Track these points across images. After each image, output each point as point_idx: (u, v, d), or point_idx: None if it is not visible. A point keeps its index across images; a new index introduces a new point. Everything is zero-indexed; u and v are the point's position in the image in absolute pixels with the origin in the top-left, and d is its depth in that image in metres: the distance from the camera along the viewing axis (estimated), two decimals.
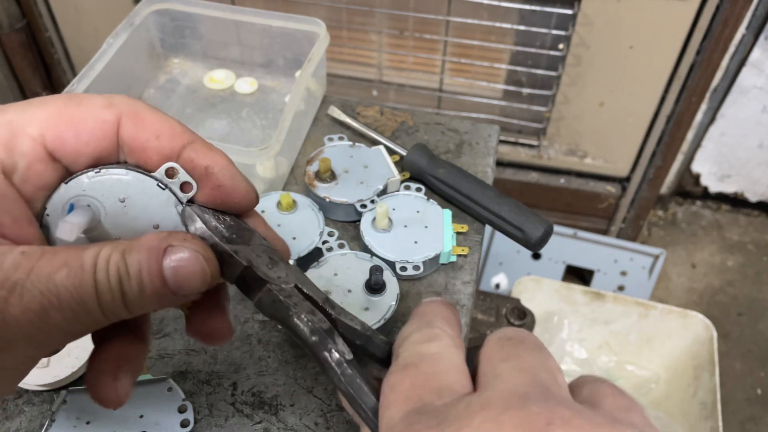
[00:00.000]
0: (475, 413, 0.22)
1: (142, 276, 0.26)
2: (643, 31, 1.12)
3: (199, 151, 0.29)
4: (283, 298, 0.29)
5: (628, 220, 1.42)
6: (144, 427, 0.41)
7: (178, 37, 0.66)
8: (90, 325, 0.26)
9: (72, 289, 0.25)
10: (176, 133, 0.29)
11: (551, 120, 1.30)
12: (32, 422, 0.42)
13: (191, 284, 0.27)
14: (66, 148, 0.28)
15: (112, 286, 0.26)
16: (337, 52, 1.30)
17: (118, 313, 0.27)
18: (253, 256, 0.29)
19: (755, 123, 1.40)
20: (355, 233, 0.53)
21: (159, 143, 0.29)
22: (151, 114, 0.29)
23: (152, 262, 0.26)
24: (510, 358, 0.25)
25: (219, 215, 0.29)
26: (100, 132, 0.28)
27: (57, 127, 0.28)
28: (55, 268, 0.25)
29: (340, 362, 0.27)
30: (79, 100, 0.28)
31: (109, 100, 0.29)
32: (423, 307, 0.30)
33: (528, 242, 0.52)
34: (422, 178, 0.56)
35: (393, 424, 0.24)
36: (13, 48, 1.37)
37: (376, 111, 0.64)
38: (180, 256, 0.27)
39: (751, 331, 1.41)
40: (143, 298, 0.27)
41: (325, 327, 0.28)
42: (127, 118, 0.29)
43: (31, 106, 0.28)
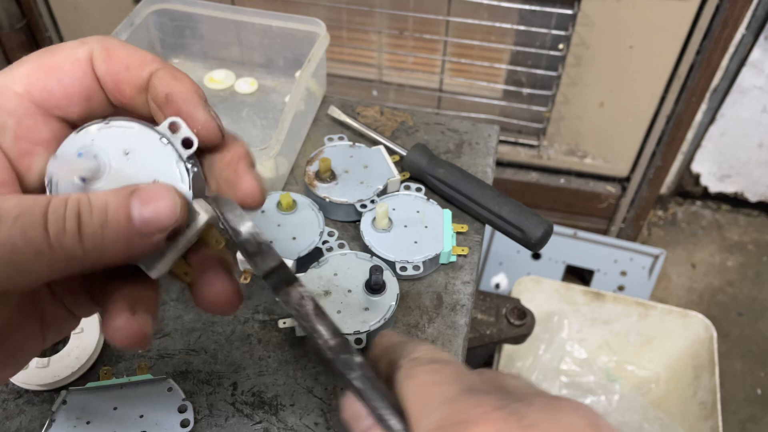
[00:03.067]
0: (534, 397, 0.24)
1: (108, 210, 0.25)
2: (643, 31, 1.12)
3: (162, 79, 0.29)
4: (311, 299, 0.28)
5: (628, 220, 1.42)
6: (144, 427, 0.41)
7: (178, 37, 0.66)
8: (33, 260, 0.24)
9: (16, 212, 0.23)
10: (145, 62, 0.29)
11: (551, 120, 1.30)
12: (32, 422, 0.42)
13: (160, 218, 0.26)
14: (53, 96, 0.28)
15: (67, 217, 0.24)
16: (337, 52, 1.30)
17: (71, 249, 0.24)
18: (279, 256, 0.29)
19: (755, 123, 1.40)
20: (355, 233, 0.53)
21: (128, 74, 0.29)
22: (121, 47, 0.29)
23: (120, 198, 0.25)
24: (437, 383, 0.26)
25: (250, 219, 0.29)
26: (80, 72, 0.29)
27: (39, 78, 0.28)
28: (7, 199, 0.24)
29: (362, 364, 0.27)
30: (54, 49, 0.29)
31: (81, 41, 0.29)
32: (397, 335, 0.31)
33: (528, 242, 0.52)
34: (422, 178, 0.56)
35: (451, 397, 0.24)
36: (13, 48, 1.36)
37: (376, 111, 0.64)
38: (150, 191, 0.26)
39: (751, 331, 1.41)
40: (104, 235, 0.25)
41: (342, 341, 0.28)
42: (98, 53, 0.29)
43: (10, 68, 0.28)
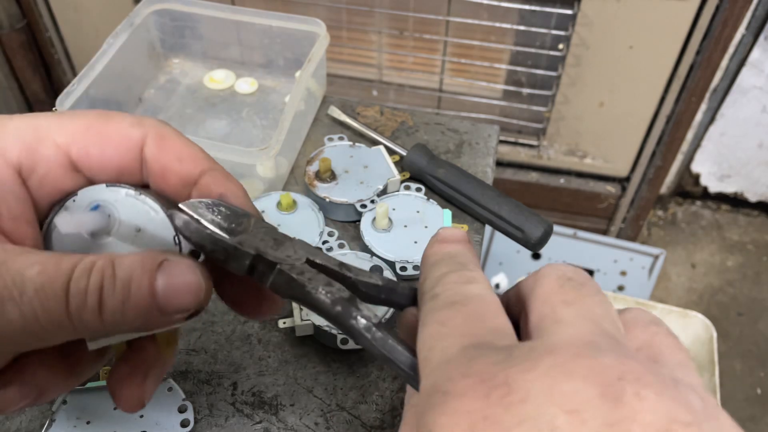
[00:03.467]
0: (542, 357, 0.20)
1: (131, 284, 0.25)
2: (643, 31, 1.12)
3: (216, 179, 0.30)
4: (296, 276, 0.28)
5: (627, 220, 1.42)
6: (144, 427, 0.41)
7: (178, 37, 0.66)
8: (51, 332, 0.24)
9: (38, 285, 0.23)
10: (198, 158, 0.30)
11: (551, 120, 1.30)
12: (32, 422, 0.42)
13: (182, 301, 0.26)
14: (90, 160, 0.28)
15: (89, 291, 0.24)
16: (337, 52, 1.30)
17: (90, 323, 0.24)
18: (256, 241, 0.29)
19: (755, 123, 1.40)
20: (355, 233, 0.53)
21: (180, 166, 0.29)
22: (176, 137, 0.30)
23: (145, 272, 0.25)
24: (573, 302, 0.23)
25: (213, 207, 0.29)
26: (125, 149, 0.29)
27: (84, 139, 0.28)
28: (29, 264, 0.24)
29: (368, 327, 0.26)
30: (109, 117, 0.29)
31: (138, 120, 0.29)
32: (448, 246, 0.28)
33: (528, 242, 0.52)
34: (422, 178, 0.56)
35: (449, 356, 0.22)
36: (13, 48, 1.37)
37: (376, 111, 0.64)
38: (176, 269, 0.26)
39: (751, 331, 1.41)
40: (124, 310, 0.25)
41: (346, 296, 0.28)
42: (153, 138, 0.29)
43: (61, 116, 0.28)
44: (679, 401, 0.19)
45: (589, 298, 0.23)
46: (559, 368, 0.20)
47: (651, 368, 0.20)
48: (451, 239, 0.29)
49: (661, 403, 0.19)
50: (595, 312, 0.23)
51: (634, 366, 0.20)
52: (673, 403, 0.19)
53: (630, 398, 0.19)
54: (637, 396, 0.19)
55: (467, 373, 0.20)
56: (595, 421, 0.18)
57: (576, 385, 0.19)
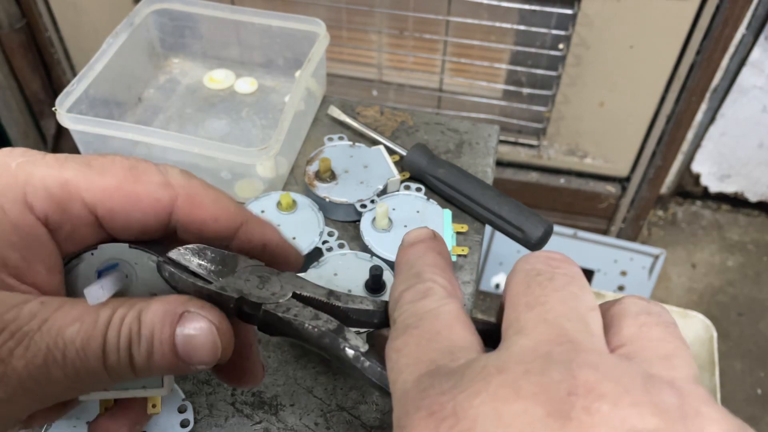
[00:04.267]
0: (492, 377, 0.20)
1: (153, 341, 0.26)
2: (643, 31, 1.12)
3: (255, 231, 0.31)
4: (281, 315, 0.29)
5: (628, 220, 1.42)
6: (144, 427, 0.41)
7: (178, 37, 0.66)
8: (92, 384, 0.26)
9: (79, 346, 0.25)
10: (231, 215, 0.30)
11: (551, 120, 1.30)
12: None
13: (201, 357, 0.27)
14: (115, 221, 0.29)
15: (120, 348, 0.25)
16: (337, 52, 1.30)
17: (124, 375, 0.26)
18: (241, 283, 0.29)
19: (755, 123, 1.40)
20: (355, 233, 0.53)
21: (217, 226, 0.30)
22: (206, 195, 0.30)
23: (165, 328, 0.26)
24: (535, 304, 0.22)
25: (199, 252, 0.30)
26: (153, 212, 0.29)
27: (112, 200, 0.28)
28: (69, 322, 0.25)
29: (357, 357, 0.27)
30: (138, 175, 0.28)
31: (167, 179, 0.29)
32: (407, 253, 0.28)
33: (528, 242, 0.52)
34: (422, 178, 0.56)
35: (407, 389, 0.22)
36: (12, 48, 1.37)
37: (376, 111, 0.64)
38: (194, 325, 0.26)
39: (751, 331, 1.41)
40: (151, 364, 0.26)
41: (333, 327, 0.28)
42: (184, 199, 0.29)
43: (90, 170, 0.28)
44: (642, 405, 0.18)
45: (554, 294, 0.22)
46: (507, 388, 0.19)
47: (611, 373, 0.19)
48: (411, 242, 0.28)
49: (616, 414, 0.18)
50: (558, 312, 0.22)
51: (587, 377, 0.19)
52: (631, 411, 0.18)
53: (579, 414, 0.18)
54: (587, 411, 0.18)
55: (419, 406, 0.20)
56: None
57: (523, 405, 0.18)
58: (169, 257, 0.29)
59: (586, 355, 0.20)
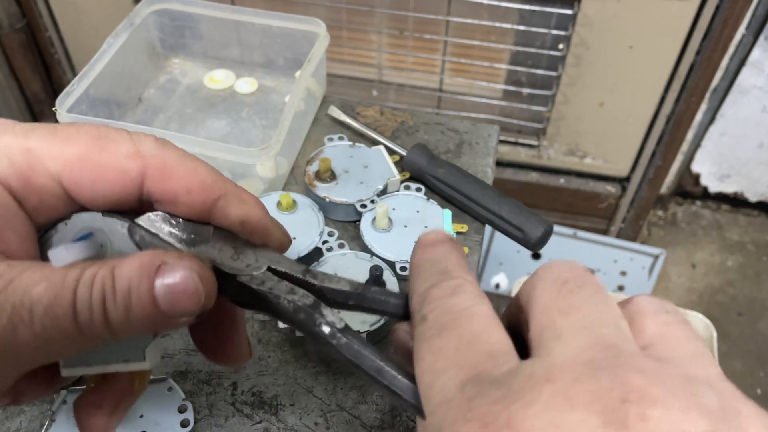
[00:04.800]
0: (542, 385, 0.19)
1: (131, 294, 0.24)
2: (643, 31, 1.12)
3: (232, 205, 0.29)
4: (256, 287, 0.27)
5: (627, 220, 1.42)
6: (144, 427, 0.41)
7: (178, 37, 0.66)
8: (65, 345, 0.24)
9: (47, 304, 0.23)
10: (207, 186, 0.28)
11: (551, 120, 1.30)
12: (32, 422, 0.42)
13: (184, 306, 0.25)
14: (82, 191, 0.27)
15: (93, 304, 0.24)
16: (337, 52, 1.30)
17: (99, 334, 0.24)
18: (214, 252, 0.28)
19: (755, 123, 1.40)
20: (355, 233, 0.53)
21: (190, 198, 0.28)
22: (180, 165, 0.28)
23: (143, 280, 0.24)
24: (570, 310, 0.22)
25: (171, 219, 0.28)
26: (120, 184, 0.27)
27: (76, 170, 0.27)
28: (35, 281, 0.24)
29: (333, 334, 0.26)
30: (105, 143, 0.27)
31: (137, 147, 0.27)
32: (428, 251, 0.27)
33: (528, 242, 0.52)
34: (422, 178, 0.56)
35: (449, 396, 0.21)
36: (13, 48, 1.37)
37: (376, 111, 0.64)
38: (174, 274, 0.25)
39: (751, 331, 1.41)
40: (129, 320, 0.25)
41: (309, 302, 0.27)
42: (155, 170, 0.27)
43: (55, 137, 0.27)
44: (690, 408, 0.18)
45: (587, 301, 0.23)
46: (560, 397, 0.19)
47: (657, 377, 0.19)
48: (433, 242, 0.28)
49: (669, 419, 0.18)
50: (594, 318, 0.22)
51: (637, 382, 0.19)
52: (682, 415, 0.18)
53: (635, 421, 0.18)
54: (642, 417, 0.18)
55: (468, 417, 0.20)
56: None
57: (579, 415, 0.18)
58: (137, 223, 0.28)
59: (629, 360, 0.20)
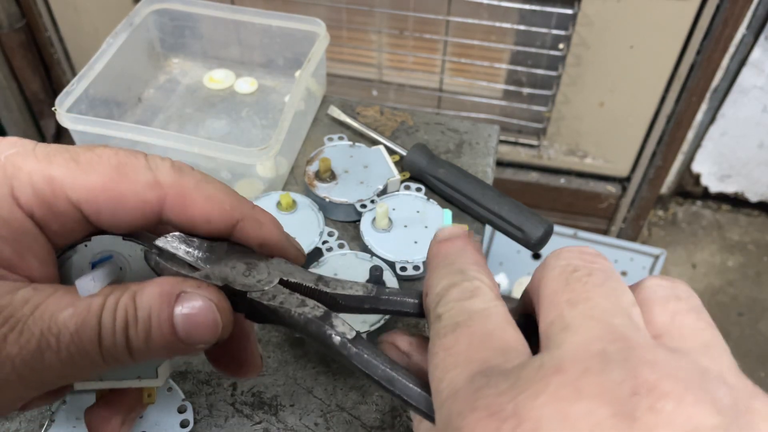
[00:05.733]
0: (550, 377, 0.19)
1: (151, 322, 0.25)
2: (643, 31, 1.12)
3: (250, 228, 0.30)
4: (267, 303, 0.28)
5: (628, 220, 1.42)
6: (144, 427, 0.41)
7: (178, 37, 0.66)
8: (88, 369, 0.25)
9: (73, 331, 0.24)
10: (226, 213, 0.29)
11: (551, 120, 1.30)
12: (32, 422, 0.42)
13: (202, 335, 0.26)
14: (102, 219, 0.28)
15: (116, 331, 0.25)
16: (337, 52, 1.30)
17: (121, 359, 0.26)
18: (227, 270, 0.29)
19: (755, 123, 1.40)
20: (355, 233, 0.53)
21: (210, 226, 0.29)
22: (199, 193, 0.28)
23: (163, 308, 0.26)
24: (578, 301, 0.22)
25: (188, 238, 0.29)
26: (140, 213, 0.28)
27: (97, 200, 0.27)
28: (62, 307, 0.25)
29: (343, 344, 0.27)
30: (125, 173, 0.28)
31: (156, 177, 0.28)
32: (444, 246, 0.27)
33: (528, 242, 0.52)
34: (422, 178, 0.56)
35: (457, 388, 0.21)
36: (12, 48, 1.36)
37: (376, 111, 0.64)
38: (192, 304, 0.26)
39: (751, 331, 1.41)
40: (149, 346, 0.26)
41: (320, 314, 0.28)
42: (173, 198, 0.28)
43: (78, 167, 0.27)
44: (703, 403, 0.18)
45: (597, 289, 0.22)
46: (568, 388, 0.19)
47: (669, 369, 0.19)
48: (450, 237, 0.28)
49: (681, 413, 0.18)
50: (604, 308, 0.21)
51: (648, 374, 0.19)
52: (694, 409, 0.18)
53: (644, 414, 0.18)
54: (652, 410, 0.18)
55: (475, 407, 0.20)
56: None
57: (587, 406, 0.18)
58: (156, 245, 0.29)
59: (641, 352, 0.20)
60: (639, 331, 0.21)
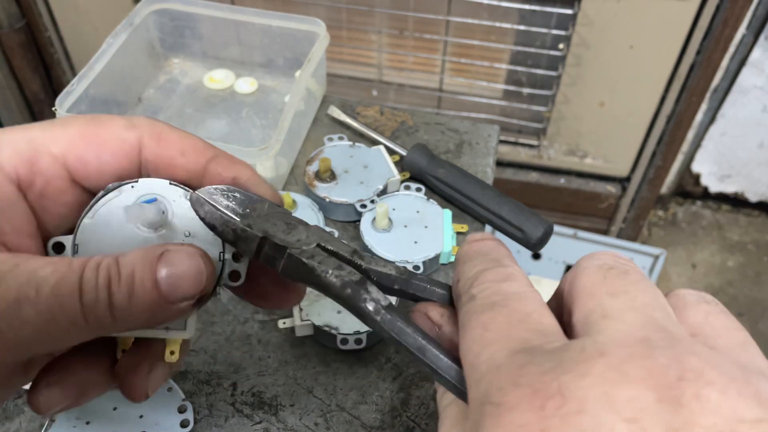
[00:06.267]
0: (595, 360, 0.19)
1: (134, 278, 0.25)
2: (643, 31, 1.12)
3: (224, 165, 0.30)
4: (306, 260, 0.28)
5: (628, 220, 1.42)
6: (144, 427, 0.41)
7: (178, 37, 0.66)
8: (68, 329, 0.25)
9: (53, 283, 0.24)
10: (199, 148, 0.30)
11: (551, 120, 1.30)
12: (32, 422, 0.42)
13: (185, 289, 0.26)
14: (87, 168, 0.28)
15: (99, 287, 0.25)
16: (337, 52, 1.30)
17: (102, 320, 0.25)
18: (268, 225, 0.29)
19: (755, 123, 1.40)
20: (355, 233, 0.53)
21: (185, 159, 0.29)
22: (173, 132, 0.30)
23: (146, 265, 0.26)
24: (618, 293, 0.22)
25: (227, 193, 0.30)
26: (122, 152, 0.29)
27: (79, 147, 0.28)
28: (41, 265, 0.24)
29: (377, 310, 0.27)
30: (101, 121, 0.29)
31: (131, 122, 0.29)
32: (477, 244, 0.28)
33: (528, 242, 0.52)
34: (422, 178, 0.56)
35: (498, 364, 0.21)
36: (12, 48, 1.36)
37: (376, 111, 0.64)
38: (175, 258, 0.26)
39: (751, 331, 1.41)
40: (132, 304, 0.25)
41: (356, 279, 0.28)
42: (150, 138, 0.29)
43: (53, 125, 0.28)
44: (747, 395, 0.18)
45: (634, 285, 0.22)
46: (614, 371, 0.19)
47: (712, 360, 0.19)
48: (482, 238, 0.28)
49: (725, 402, 0.18)
50: (643, 301, 0.22)
51: (693, 362, 0.19)
52: (738, 400, 0.18)
53: (690, 400, 0.18)
54: (698, 397, 0.18)
55: (518, 383, 0.20)
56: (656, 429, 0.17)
57: (633, 389, 0.18)
58: (198, 193, 0.29)
59: (685, 342, 0.20)
60: (678, 327, 0.21)
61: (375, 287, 0.28)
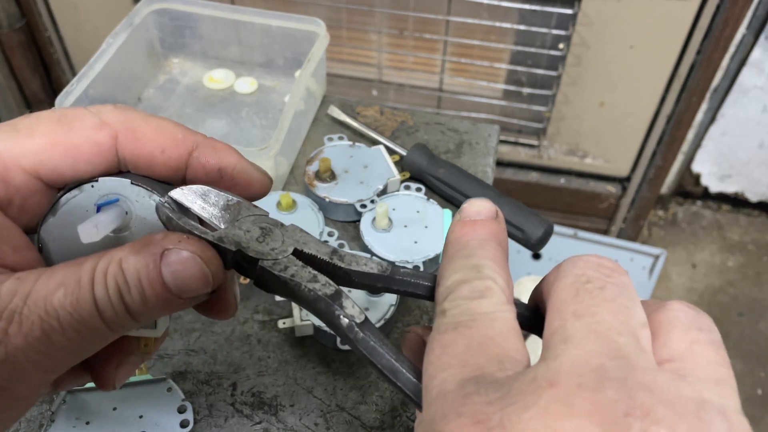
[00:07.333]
0: (543, 390, 0.19)
1: (143, 285, 0.25)
2: (643, 30, 1.12)
3: (207, 154, 0.29)
4: (278, 273, 0.27)
5: (628, 220, 1.42)
6: (144, 427, 0.41)
7: (178, 37, 0.66)
8: (98, 340, 0.26)
9: (71, 309, 0.24)
10: (178, 141, 0.28)
11: (551, 120, 1.30)
12: (32, 422, 0.42)
13: (193, 286, 0.26)
14: (64, 177, 0.27)
15: (112, 300, 0.25)
16: (337, 51, 1.30)
17: (125, 324, 0.26)
18: (240, 234, 0.28)
19: (755, 123, 1.40)
20: (355, 233, 0.53)
21: (164, 156, 0.28)
22: (148, 124, 0.28)
23: (150, 269, 0.25)
24: (584, 313, 0.21)
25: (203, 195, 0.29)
26: (97, 157, 0.27)
27: (51, 158, 0.27)
28: (52, 290, 0.24)
29: (350, 327, 0.26)
30: (69, 124, 0.27)
31: (100, 118, 0.27)
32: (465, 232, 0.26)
33: (528, 242, 0.52)
34: (422, 178, 0.56)
35: (447, 390, 0.21)
36: (12, 48, 1.36)
37: (376, 111, 0.64)
38: (177, 258, 0.26)
39: (751, 331, 1.41)
40: (148, 307, 0.26)
41: (330, 292, 0.27)
42: (124, 135, 0.28)
43: (19, 134, 0.27)
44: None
45: (605, 305, 0.21)
46: (559, 404, 0.18)
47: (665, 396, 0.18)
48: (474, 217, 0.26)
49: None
50: (608, 325, 0.21)
51: (643, 398, 0.18)
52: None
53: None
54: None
55: (461, 413, 0.19)
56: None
57: (577, 423, 0.18)
58: (171, 196, 0.28)
59: (641, 374, 0.19)
60: (643, 353, 0.21)
61: (351, 301, 0.27)
